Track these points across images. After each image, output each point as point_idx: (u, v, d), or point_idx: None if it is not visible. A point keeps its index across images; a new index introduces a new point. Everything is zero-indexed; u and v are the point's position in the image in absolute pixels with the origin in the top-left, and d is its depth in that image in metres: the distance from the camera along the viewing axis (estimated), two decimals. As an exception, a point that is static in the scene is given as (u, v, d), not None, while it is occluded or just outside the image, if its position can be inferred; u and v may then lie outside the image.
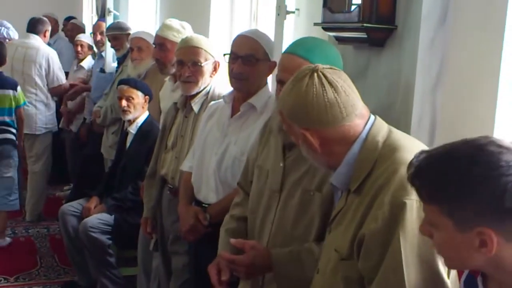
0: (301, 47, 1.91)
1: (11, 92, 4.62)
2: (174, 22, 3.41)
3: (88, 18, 8.52)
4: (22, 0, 8.86)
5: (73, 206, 3.94)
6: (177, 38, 3.27)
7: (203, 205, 2.48)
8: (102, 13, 6.41)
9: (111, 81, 4.76)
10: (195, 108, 2.80)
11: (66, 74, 5.70)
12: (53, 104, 5.45)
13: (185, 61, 2.76)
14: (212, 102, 2.65)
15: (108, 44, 5.08)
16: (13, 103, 4.64)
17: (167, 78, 3.47)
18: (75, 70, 5.95)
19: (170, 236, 2.88)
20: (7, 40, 5.61)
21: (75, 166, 5.45)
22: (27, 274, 4.20)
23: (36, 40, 5.34)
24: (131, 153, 3.79)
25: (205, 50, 2.76)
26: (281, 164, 1.91)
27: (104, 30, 5.37)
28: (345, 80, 1.55)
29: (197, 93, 2.80)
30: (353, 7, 2.17)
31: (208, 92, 2.81)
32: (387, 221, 1.40)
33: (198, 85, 2.77)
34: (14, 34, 6.34)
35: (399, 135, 1.56)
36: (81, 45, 5.88)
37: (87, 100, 5.51)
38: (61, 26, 7.15)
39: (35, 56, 5.22)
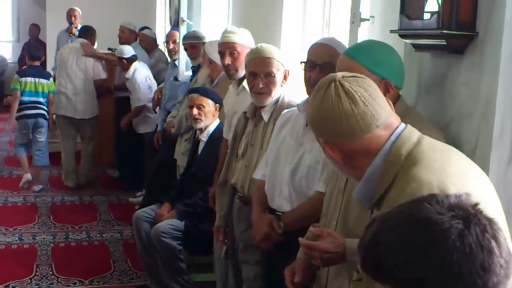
0: (352, 48, 1.93)
1: (45, 81, 6.34)
2: (233, 27, 3.44)
3: (161, 27, 8.71)
4: (105, 12, 9.17)
5: (146, 211, 4.02)
6: (244, 40, 3.29)
7: (277, 213, 2.47)
8: (175, 23, 6.54)
9: (185, 89, 4.83)
10: (265, 117, 2.79)
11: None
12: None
13: (258, 73, 2.74)
14: (285, 111, 2.63)
15: (181, 53, 5.17)
16: (46, 89, 6.33)
17: (231, 85, 3.48)
18: (126, 81, 6.10)
19: (240, 244, 2.88)
20: None
21: (149, 172, 5.57)
22: (101, 278, 4.31)
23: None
24: (202, 161, 3.84)
25: (277, 60, 2.74)
26: None
27: (177, 39, 5.47)
28: (367, 89, 1.46)
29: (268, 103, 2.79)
30: (431, 14, 2.11)
31: (278, 101, 2.80)
32: None
33: (271, 95, 2.76)
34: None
35: (426, 148, 1.44)
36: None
37: (160, 108, 5.63)
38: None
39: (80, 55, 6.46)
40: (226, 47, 3.32)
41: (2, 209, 5.74)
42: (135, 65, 5.99)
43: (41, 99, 6.31)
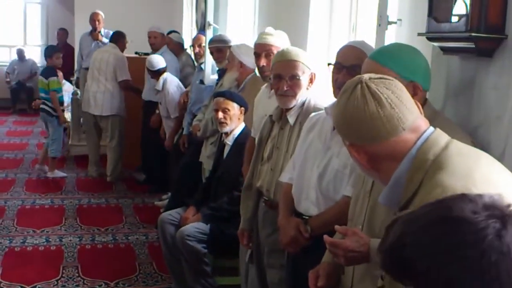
0: (378, 51, 1.91)
1: (44, 79, 6.89)
2: (271, 29, 3.43)
3: (188, 31, 8.76)
4: (131, 16, 9.29)
5: (172, 214, 4.04)
6: (281, 42, 3.29)
7: (304, 217, 2.46)
8: (201, 27, 6.57)
9: (211, 93, 4.85)
10: (291, 120, 2.78)
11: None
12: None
13: (283, 75, 2.74)
14: (313, 114, 2.62)
15: (207, 56, 5.19)
16: (46, 87, 6.87)
17: (264, 85, 3.48)
18: (155, 94, 6.13)
19: (266, 248, 2.87)
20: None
21: (174, 175, 5.60)
22: (126, 280, 4.33)
23: (115, 48, 7.00)
24: (227, 164, 3.84)
25: (302, 63, 2.73)
26: None
27: (203, 43, 5.49)
28: (394, 91, 1.44)
29: (294, 105, 2.78)
30: (460, 16, 2.08)
31: (304, 104, 2.79)
32: None
33: (296, 98, 2.75)
34: None
35: (453, 152, 1.40)
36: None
37: (186, 112, 5.65)
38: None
39: (113, 58, 6.88)
40: (263, 49, 3.32)
41: (30, 211, 5.81)
42: (164, 75, 6.01)
43: (43, 95, 6.96)
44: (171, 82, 6.01)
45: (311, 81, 2.80)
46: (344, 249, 1.76)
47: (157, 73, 5.99)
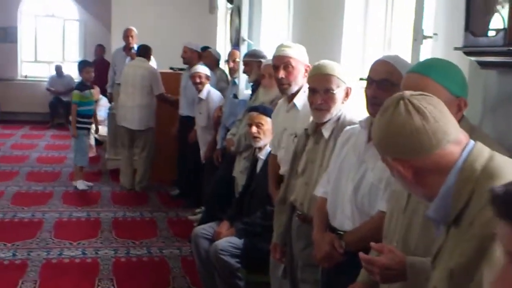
0: (419, 64, 1.92)
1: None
2: (289, 42, 3.44)
3: (222, 47, 8.84)
4: (167, 32, 9.44)
5: (205, 229, 4.05)
6: (299, 55, 3.29)
7: (338, 232, 2.44)
8: (236, 42, 6.62)
9: (244, 107, 4.87)
10: (325, 134, 2.77)
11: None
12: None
13: (317, 89, 2.74)
14: (348, 127, 2.61)
15: (241, 71, 5.22)
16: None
17: (281, 99, 3.47)
18: (197, 102, 6.15)
19: (299, 263, 2.85)
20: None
21: (208, 190, 5.62)
22: (160, 293, 4.36)
23: (145, 62, 7.23)
24: (260, 179, 3.83)
25: (337, 77, 2.73)
26: None
27: (237, 58, 5.54)
28: (436, 106, 1.47)
29: (329, 119, 2.77)
30: (497, 31, 2.05)
31: (339, 118, 2.78)
32: (473, 255, 1.31)
33: (330, 112, 2.75)
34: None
35: (501, 162, 1.43)
36: (199, 76, 6.01)
37: (220, 126, 5.68)
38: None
39: (147, 73, 7.10)
40: (281, 61, 3.32)
41: (66, 224, 5.90)
42: (208, 86, 6.07)
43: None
44: (214, 92, 6.09)
45: (346, 95, 2.79)
46: (380, 267, 1.75)
47: (201, 83, 6.04)
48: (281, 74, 3.29)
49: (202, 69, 6.09)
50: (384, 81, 2.26)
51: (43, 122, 12.52)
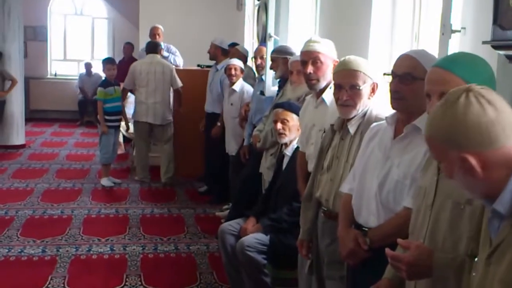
0: (444, 59, 1.89)
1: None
2: (317, 37, 3.41)
3: (250, 43, 8.84)
4: (194, 29, 9.48)
5: (232, 225, 4.06)
6: (327, 50, 3.27)
7: (363, 228, 2.42)
8: (262, 38, 6.62)
9: (271, 104, 4.86)
10: (351, 129, 2.75)
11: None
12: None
13: (343, 85, 2.72)
14: (374, 124, 2.58)
15: (268, 68, 5.21)
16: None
17: (309, 96, 3.45)
18: (229, 94, 6.17)
19: (325, 259, 2.84)
20: (173, 66, 7.59)
21: (235, 186, 5.64)
22: (187, 289, 4.39)
23: (158, 58, 7.43)
24: (287, 175, 3.83)
25: (363, 73, 2.71)
26: (435, 178, 1.86)
27: (264, 54, 5.53)
28: (502, 100, 1.45)
29: (355, 115, 2.75)
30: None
31: (365, 114, 2.76)
32: None
33: (356, 108, 2.72)
34: (180, 61, 7.45)
35: None
36: (234, 69, 6.08)
37: (246, 123, 5.68)
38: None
39: (167, 69, 7.31)
40: (309, 56, 3.30)
41: (95, 221, 5.98)
42: (241, 80, 6.10)
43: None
44: (249, 86, 6.13)
45: (373, 91, 2.77)
46: (407, 263, 1.73)
47: (235, 75, 6.08)
48: (309, 69, 3.27)
49: (237, 61, 6.15)
50: (406, 75, 2.24)
51: (73, 120, 12.70)
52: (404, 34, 3.73)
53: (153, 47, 7.50)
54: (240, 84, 6.06)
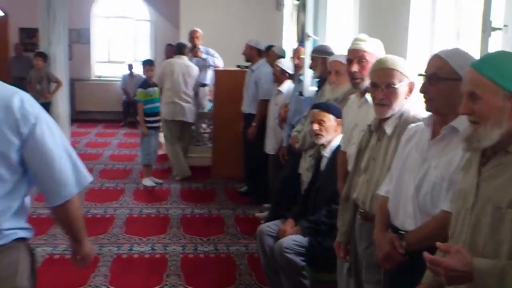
0: (479, 60, 1.86)
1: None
2: (364, 35, 3.36)
3: (289, 44, 8.81)
4: (234, 31, 9.51)
5: (270, 226, 4.05)
6: (374, 49, 3.23)
7: (400, 231, 2.38)
8: (301, 38, 6.59)
9: (310, 105, 4.83)
10: (388, 130, 2.71)
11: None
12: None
13: (379, 83, 2.68)
14: (412, 125, 2.53)
15: (306, 68, 5.18)
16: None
17: (353, 94, 3.41)
18: (275, 94, 6.16)
19: (363, 262, 2.80)
20: (212, 67, 8.05)
21: (274, 187, 5.63)
22: (226, 290, 4.40)
23: (184, 59, 7.74)
24: (325, 177, 3.80)
25: (400, 72, 2.66)
26: (475, 180, 1.81)
27: (302, 54, 5.51)
28: None
29: (391, 115, 2.71)
30: None
31: (402, 114, 2.71)
32: None
33: (392, 107, 2.68)
34: (219, 62, 7.52)
35: None
36: (276, 69, 6.07)
37: (285, 124, 5.66)
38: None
39: (192, 71, 7.70)
40: (355, 55, 3.26)
41: (137, 220, 6.05)
42: (289, 81, 6.07)
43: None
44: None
45: (410, 90, 2.72)
46: (446, 268, 1.69)
47: (285, 75, 6.05)
48: (355, 68, 3.24)
49: (286, 62, 6.10)
50: (433, 76, 2.21)
51: (116, 121, 12.90)
52: (445, 32, 3.65)
53: (179, 49, 7.81)
54: (287, 85, 6.03)
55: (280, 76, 6.05)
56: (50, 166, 2.07)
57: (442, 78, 2.19)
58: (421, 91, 2.26)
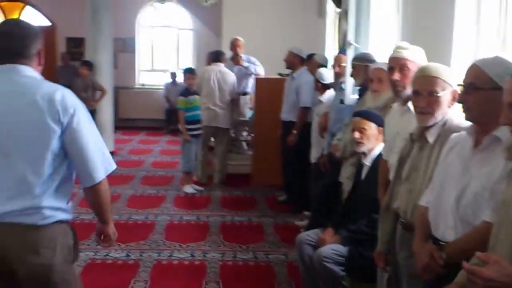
0: None
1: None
2: (406, 43, 3.31)
3: (331, 51, 8.77)
4: (276, 39, 9.53)
5: (310, 235, 4.02)
6: (416, 57, 3.18)
7: (440, 242, 2.33)
8: (343, 46, 6.54)
9: (351, 112, 4.79)
10: (430, 139, 2.66)
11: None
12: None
13: (421, 91, 2.64)
14: (454, 134, 2.48)
15: (347, 76, 5.14)
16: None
17: (395, 103, 3.36)
18: (317, 104, 6.12)
19: (404, 273, 2.75)
20: (253, 76, 8.11)
21: (314, 195, 5.59)
22: (265, 298, 4.39)
23: (221, 67, 7.91)
24: (366, 186, 3.75)
25: (443, 80, 2.61)
26: None
27: (342, 62, 5.46)
28: None
29: (434, 124, 2.66)
30: None
31: (445, 123, 2.65)
32: None
33: (435, 116, 2.63)
34: (261, 70, 7.56)
35: None
36: (323, 79, 6.02)
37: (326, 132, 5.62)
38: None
39: (229, 78, 7.86)
40: (397, 63, 3.22)
41: (177, 227, 6.10)
42: (331, 91, 6.00)
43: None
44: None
45: (453, 99, 2.66)
46: (485, 278, 1.65)
47: (325, 86, 6.01)
48: (396, 76, 3.20)
49: (325, 72, 6.09)
50: (470, 85, 2.18)
51: (159, 128, 13.07)
52: (490, 39, 3.57)
53: (216, 56, 8.03)
54: (328, 95, 5.99)
55: (320, 86, 6.01)
56: (85, 152, 2.37)
57: (479, 87, 2.15)
58: (459, 100, 2.25)
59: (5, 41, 2.37)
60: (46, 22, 13.37)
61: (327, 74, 6.03)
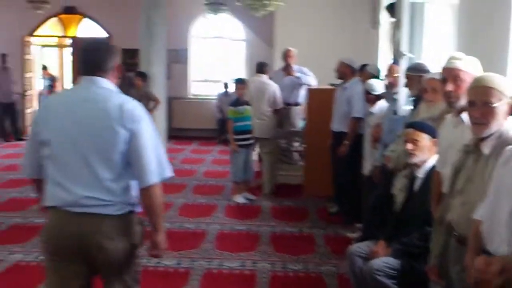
0: None
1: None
2: (460, 53, 3.25)
3: (384, 62, 8.68)
4: (329, 49, 9.50)
5: (361, 247, 3.98)
6: (470, 68, 3.11)
7: (492, 256, 2.27)
8: (396, 56, 6.47)
9: (404, 123, 4.72)
10: (486, 151, 2.60)
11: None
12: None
13: (475, 102, 2.59)
14: (510, 146, 2.42)
15: (401, 86, 5.08)
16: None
17: (449, 114, 3.30)
18: (367, 115, 6.06)
19: (457, 287, 2.69)
20: (305, 86, 8.12)
21: (367, 207, 5.53)
22: (315, 310, 4.36)
23: (263, 78, 8.04)
24: (418, 198, 3.69)
25: (498, 90, 2.55)
26: None
27: (395, 73, 5.41)
28: None
29: (489, 135, 2.60)
30: None
31: (501, 134, 2.59)
32: None
33: (490, 127, 2.57)
34: (312, 80, 7.58)
35: None
36: (374, 90, 5.96)
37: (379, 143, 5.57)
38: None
39: (268, 87, 7.94)
40: (450, 73, 3.16)
41: (228, 236, 6.13)
42: (382, 102, 5.96)
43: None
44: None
45: (510, 110, 2.60)
46: None
47: (376, 97, 5.95)
48: (449, 87, 3.15)
49: (375, 83, 6.04)
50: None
51: (211, 138, 13.20)
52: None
53: (259, 67, 8.13)
54: (379, 105, 5.93)
55: (370, 97, 5.94)
56: (141, 154, 2.69)
57: None
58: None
59: (91, 56, 2.80)
60: (103, 34, 13.72)
61: (377, 85, 5.97)
